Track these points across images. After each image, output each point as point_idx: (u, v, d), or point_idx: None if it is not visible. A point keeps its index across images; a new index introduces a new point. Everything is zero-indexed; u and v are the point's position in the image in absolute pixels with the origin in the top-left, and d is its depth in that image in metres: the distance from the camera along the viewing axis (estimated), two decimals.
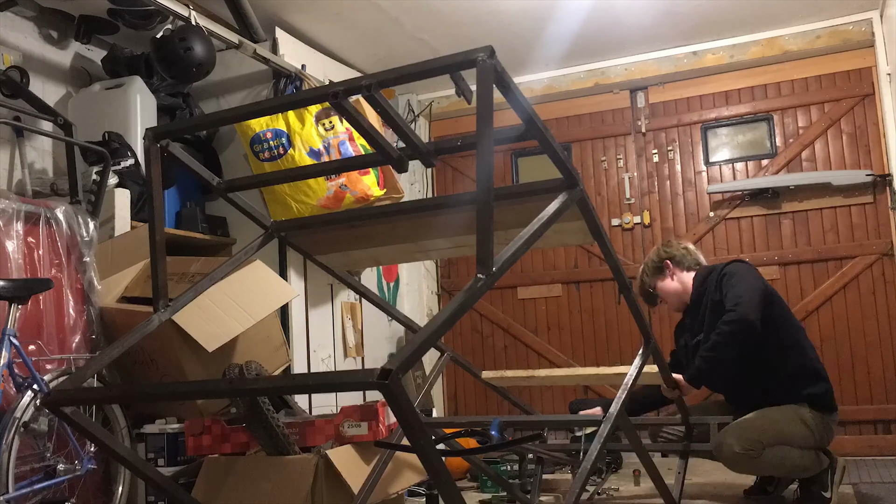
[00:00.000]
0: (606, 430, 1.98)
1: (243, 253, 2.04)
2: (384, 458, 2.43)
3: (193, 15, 3.27)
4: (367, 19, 3.98)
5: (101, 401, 2.53)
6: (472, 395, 4.94)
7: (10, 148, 3.38)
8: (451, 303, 1.34)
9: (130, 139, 3.34)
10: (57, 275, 2.71)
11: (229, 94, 3.92)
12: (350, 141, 3.51)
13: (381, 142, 1.64)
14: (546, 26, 4.17)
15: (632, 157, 4.76)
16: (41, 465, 2.43)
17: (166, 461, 2.80)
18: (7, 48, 3.42)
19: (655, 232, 4.65)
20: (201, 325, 2.69)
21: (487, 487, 3.39)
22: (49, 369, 2.53)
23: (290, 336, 3.63)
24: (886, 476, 3.42)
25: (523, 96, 1.52)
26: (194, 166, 1.92)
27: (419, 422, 1.21)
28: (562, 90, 4.83)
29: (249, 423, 2.40)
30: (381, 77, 1.47)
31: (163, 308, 1.78)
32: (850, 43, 4.26)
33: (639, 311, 2.22)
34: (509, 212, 1.89)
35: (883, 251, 4.16)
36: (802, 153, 4.38)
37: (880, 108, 4.21)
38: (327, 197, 3.49)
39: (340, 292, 4.04)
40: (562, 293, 4.80)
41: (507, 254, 1.44)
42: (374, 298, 2.62)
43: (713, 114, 4.59)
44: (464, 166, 5.07)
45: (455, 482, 1.36)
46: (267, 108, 1.90)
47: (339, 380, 1.29)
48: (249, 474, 2.42)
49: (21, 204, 2.63)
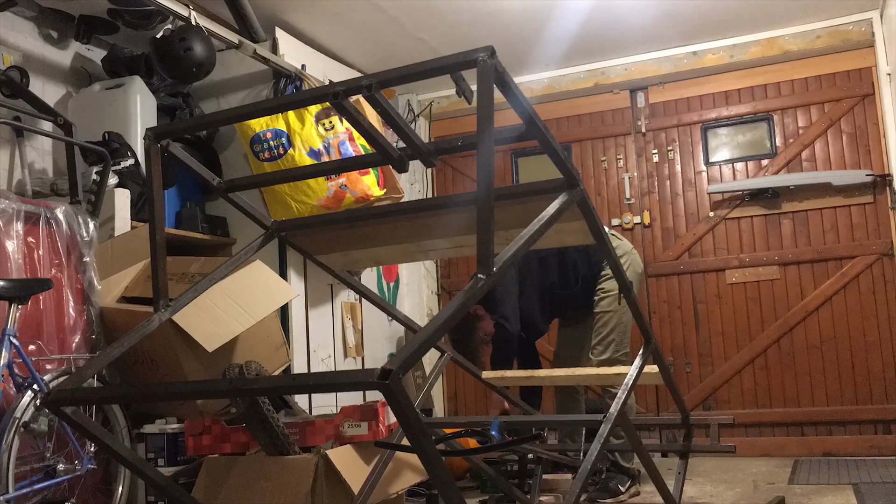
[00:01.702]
0: (607, 430, 1.98)
1: (243, 253, 2.04)
2: (384, 458, 2.42)
3: (193, 15, 3.27)
4: (367, 19, 3.98)
5: (101, 401, 2.53)
6: (472, 395, 4.94)
7: (10, 148, 3.38)
8: (451, 303, 1.34)
9: (130, 139, 3.34)
10: (57, 275, 2.71)
11: (229, 94, 3.92)
12: (350, 141, 3.51)
13: (381, 142, 1.64)
14: (546, 26, 4.17)
15: (632, 157, 4.76)
16: (41, 465, 2.43)
17: (166, 461, 2.80)
18: (7, 48, 3.42)
19: (655, 232, 4.65)
20: (201, 325, 2.69)
21: (487, 487, 3.39)
22: (49, 369, 2.53)
23: (290, 336, 3.63)
24: (886, 476, 3.42)
25: (524, 96, 1.52)
26: (194, 166, 1.92)
27: (419, 422, 1.21)
28: (562, 90, 4.83)
29: (249, 423, 2.40)
30: (381, 77, 1.47)
31: (163, 308, 1.77)
32: (850, 43, 4.26)
33: (639, 311, 2.22)
34: (509, 212, 1.89)
35: (883, 251, 4.16)
36: (802, 153, 4.38)
37: (880, 108, 4.21)
38: (327, 197, 3.49)
39: (340, 292, 4.04)
40: None
41: (507, 254, 1.44)
42: (374, 298, 2.61)
43: (713, 114, 4.59)
44: (464, 166, 5.07)
45: (455, 482, 1.36)
46: (267, 108, 1.89)
47: (339, 380, 1.29)
48: (249, 474, 2.42)
49: (21, 204, 2.63)
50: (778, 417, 4.26)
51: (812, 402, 4.22)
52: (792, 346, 4.29)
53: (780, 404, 4.28)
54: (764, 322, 4.36)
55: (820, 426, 4.19)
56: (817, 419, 4.19)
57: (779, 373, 4.30)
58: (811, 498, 3.05)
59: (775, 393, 4.29)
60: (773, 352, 4.32)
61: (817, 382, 4.23)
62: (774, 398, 4.29)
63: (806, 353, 4.26)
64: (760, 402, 4.31)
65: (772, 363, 4.32)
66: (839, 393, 4.18)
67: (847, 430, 4.13)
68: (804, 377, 4.25)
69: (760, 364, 4.34)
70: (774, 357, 4.32)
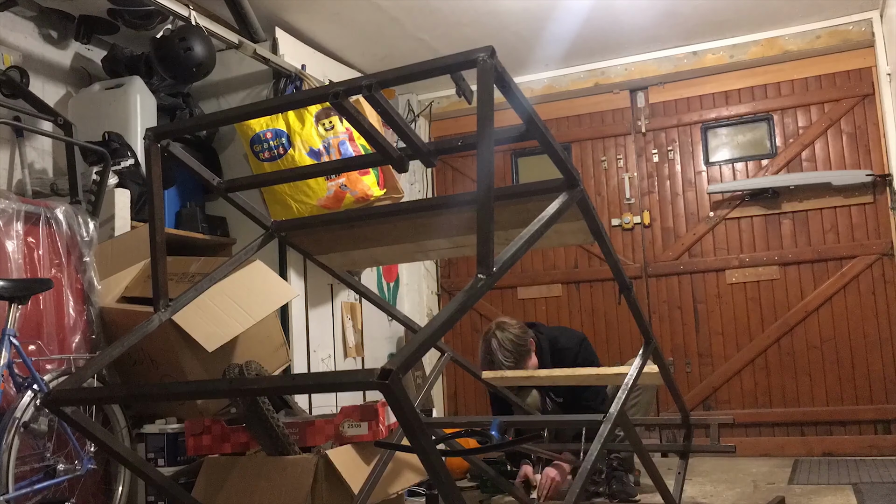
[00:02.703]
0: (606, 430, 1.98)
1: (243, 253, 2.04)
2: (384, 458, 2.42)
3: (193, 15, 3.27)
4: (367, 19, 3.98)
5: (101, 401, 2.53)
6: (472, 395, 4.94)
7: (10, 148, 3.38)
8: (451, 303, 1.34)
9: (130, 139, 3.34)
10: (57, 275, 2.71)
11: (229, 94, 3.92)
12: (350, 141, 3.51)
13: (381, 142, 1.64)
14: (546, 26, 4.17)
15: (632, 157, 4.76)
16: (41, 465, 2.43)
17: (166, 461, 2.80)
18: (7, 48, 3.42)
19: (655, 232, 4.65)
20: (201, 325, 2.69)
21: (487, 487, 3.39)
22: (49, 369, 2.53)
23: (290, 336, 3.63)
24: (886, 476, 3.42)
25: (524, 96, 1.52)
26: (194, 166, 1.92)
27: (419, 422, 1.21)
28: (562, 90, 4.83)
29: (249, 423, 2.40)
30: (381, 77, 1.47)
31: (163, 308, 1.77)
32: (850, 43, 4.26)
33: (639, 312, 2.22)
34: (509, 212, 1.89)
35: (883, 251, 4.16)
36: (802, 153, 4.38)
37: (880, 108, 4.21)
38: (327, 197, 3.49)
39: (340, 292, 4.04)
40: (562, 293, 4.80)
41: (507, 254, 1.44)
42: (374, 298, 2.61)
43: (713, 114, 4.59)
44: (464, 166, 5.07)
45: (455, 482, 1.36)
46: (267, 108, 1.90)
47: (339, 380, 1.29)
48: (249, 474, 2.42)
49: (21, 204, 2.63)
50: (778, 417, 4.26)
51: (812, 402, 4.22)
52: (792, 346, 4.29)
53: (780, 404, 4.28)
54: (764, 322, 4.36)
55: (820, 426, 4.19)
56: (817, 419, 4.19)
57: (779, 373, 4.29)
58: (811, 498, 3.05)
59: (775, 393, 4.29)
60: (773, 352, 4.32)
61: (817, 382, 4.23)
62: (774, 398, 4.29)
63: (806, 353, 4.26)
64: (760, 402, 4.31)
65: (772, 363, 4.32)
66: (839, 393, 4.18)
67: (847, 429, 4.13)
68: (804, 377, 4.25)
69: (760, 364, 4.34)
70: (774, 357, 4.32)
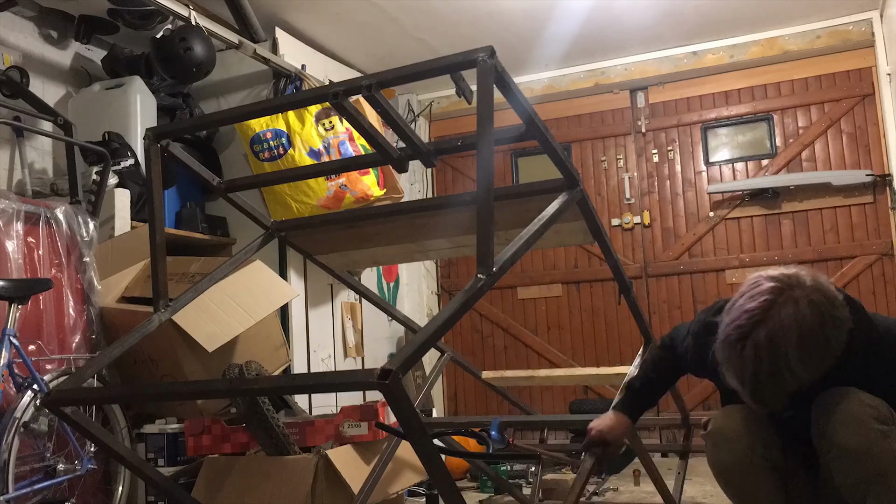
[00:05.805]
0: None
1: (243, 253, 2.04)
2: (384, 458, 2.42)
3: (193, 15, 3.27)
4: (367, 19, 3.98)
5: (101, 401, 2.53)
6: (472, 395, 4.94)
7: (10, 148, 3.38)
8: (451, 303, 1.34)
9: (130, 139, 3.34)
10: (57, 275, 2.71)
11: (229, 94, 3.92)
12: (350, 141, 3.51)
13: (381, 142, 1.64)
14: (546, 26, 4.17)
15: (632, 157, 4.76)
16: (41, 465, 2.43)
17: (166, 461, 2.80)
18: (7, 48, 3.42)
19: (655, 232, 4.65)
20: (201, 325, 2.69)
21: (487, 487, 3.39)
22: (49, 369, 2.53)
23: (290, 336, 3.63)
24: None
25: (524, 96, 1.52)
26: (194, 166, 1.92)
27: (419, 422, 1.21)
28: (562, 90, 4.83)
29: (249, 423, 2.40)
30: (381, 77, 1.47)
31: (163, 308, 1.78)
32: (850, 43, 4.25)
33: (639, 312, 2.22)
34: (509, 212, 1.89)
35: (883, 251, 4.16)
36: (802, 153, 4.38)
37: (880, 108, 4.21)
38: (327, 197, 3.49)
39: (340, 292, 4.04)
40: (562, 293, 4.80)
41: (507, 254, 1.44)
42: (374, 298, 2.62)
43: (713, 114, 4.59)
44: (464, 166, 5.07)
45: (455, 482, 1.36)
46: (267, 108, 1.90)
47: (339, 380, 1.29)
48: (249, 474, 2.42)
49: (21, 204, 2.63)
50: None
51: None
52: None
53: None
54: None
55: None
56: None
57: None
58: None
59: None
60: None
61: None
62: None
63: None
64: None
65: None
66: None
67: None
68: None
69: None
70: None
